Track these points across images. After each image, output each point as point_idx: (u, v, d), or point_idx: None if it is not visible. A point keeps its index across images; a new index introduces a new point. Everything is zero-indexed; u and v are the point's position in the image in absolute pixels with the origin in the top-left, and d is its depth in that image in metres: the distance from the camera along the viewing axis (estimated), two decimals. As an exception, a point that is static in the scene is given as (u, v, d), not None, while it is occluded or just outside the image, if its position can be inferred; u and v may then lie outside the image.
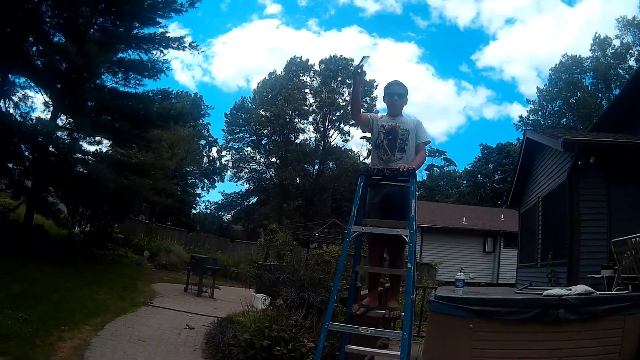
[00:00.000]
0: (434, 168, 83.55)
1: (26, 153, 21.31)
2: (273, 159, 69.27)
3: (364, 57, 6.07)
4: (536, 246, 17.73)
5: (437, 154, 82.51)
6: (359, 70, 6.14)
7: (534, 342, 6.52)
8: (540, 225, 17.64)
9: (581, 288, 6.99)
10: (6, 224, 20.38)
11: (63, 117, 21.76)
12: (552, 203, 16.16)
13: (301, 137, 68.64)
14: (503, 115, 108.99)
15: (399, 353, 5.35)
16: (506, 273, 36.14)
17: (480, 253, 40.44)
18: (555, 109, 63.77)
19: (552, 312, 6.44)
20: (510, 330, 6.54)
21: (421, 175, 77.51)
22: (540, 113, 64.83)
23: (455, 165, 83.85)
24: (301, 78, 68.61)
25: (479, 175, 72.18)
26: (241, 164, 69.76)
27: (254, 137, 68.75)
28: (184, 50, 23.90)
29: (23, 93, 21.92)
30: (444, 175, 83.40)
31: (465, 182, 76.71)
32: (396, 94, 6.47)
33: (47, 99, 21.71)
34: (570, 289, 6.96)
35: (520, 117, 68.76)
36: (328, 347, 7.96)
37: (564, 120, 61.93)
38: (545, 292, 6.98)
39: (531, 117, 65.45)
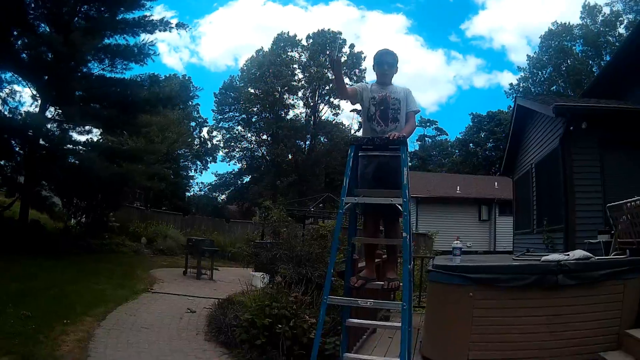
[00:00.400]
0: (426, 138, 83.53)
1: (17, 148, 21.27)
2: (264, 137, 69.26)
3: (338, 43, 6.04)
4: (531, 213, 17.74)
5: (428, 123, 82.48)
6: (335, 58, 6.11)
7: (534, 309, 6.58)
8: (534, 192, 17.66)
9: (579, 253, 7.04)
10: (1, 221, 20.33)
11: (52, 109, 21.73)
12: (546, 169, 16.15)
13: (291, 113, 68.82)
14: (493, 83, 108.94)
15: (399, 324, 5.33)
16: (503, 241, 36.28)
17: (476, 221, 40.56)
18: (546, 76, 63.89)
19: (551, 277, 6.50)
20: (510, 297, 6.59)
21: (413, 145, 77.59)
22: (530, 80, 64.97)
23: (447, 135, 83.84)
24: (289, 54, 68.38)
25: (471, 144, 72.04)
26: (232, 144, 69.76)
27: (244, 116, 68.69)
28: (170, 31, 23.80)
29: (10, 88, 21.92)
30: (436, 145, 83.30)
31: (457, 151, 76.62)
32: (386, 62, 6.40)
33: (34, 92, 21.74)
34: (569, 254, 7.02)
35: (511, 84, 69.33)
36: (330, 321, 8.00)
37: (554, 87, 62.07)
38: (544, 258, 7.04)
39: (522, 85, 65.63)
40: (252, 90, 66.34)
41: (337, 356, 7.25)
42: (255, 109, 67.10)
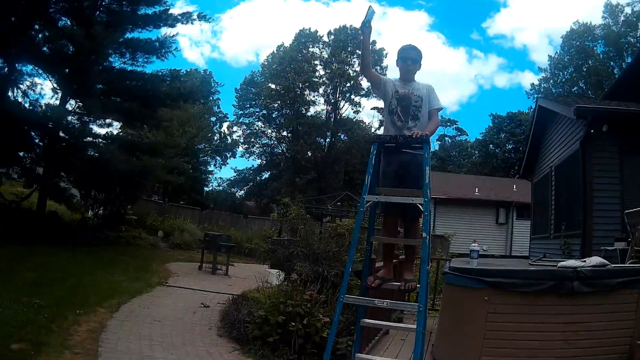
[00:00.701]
0: (446, 138, 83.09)
1: (37, 140, 21.40)
2: (284, 133, 69.09)
3: (369, 9, 5.96)
4: (549, 217, 17.58)
5: (448, 123, 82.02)
6: (367, 26, 6.03)
7: (549, 315, 6.50)
8: (553, 196, 17.49)
9: (596, 260, 6.95)
10: (20, 212, 20.46)
11: (72, 101, 21.84)
12: (565, 172, 15.98)
13: (312, 109, 68.38)
14: (514, 83, 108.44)
15: (414, 326, 5.30)
16: (519, 245, 36.00)
17: (493, 224, 40.31)
18: (567, 77, 63.14)
19: (566, 284, 6.41)
20: (525, 303, 6.51)
21: (433, 145, 77.17)
22: (552, 81, 64.28)
23: (467, 135, 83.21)
24: (310, 50, 68.15)
25: (491, 145, 71.29)
26: (252, 139, 69.65)
27: (264, 112, 68.61)
28: (192, 23, 23.85)
29: (31, 81, 22.05)
30: (456, 145, 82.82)
31: (477, 152, 75.96)
32: (410, 58, 6.32)
33: (55, 85, 21.80)
34: (585, 261, 6.92)
35: (532, 85, 68.36)
36: (343, 321, 7.97)
37: (575, 88, 61.36)
38: (560, 264, 6.95)
39: (543, 85, 64.89)
40: (272, 86, 66.04)
41: (348, 356, 7.22)
42: (275, 105, 67.01)
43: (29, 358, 6.86)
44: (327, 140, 67.77)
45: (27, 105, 20.96)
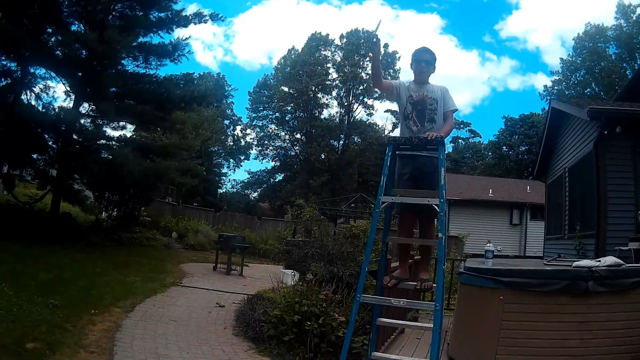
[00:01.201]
0: (459, 140, 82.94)
1: (50, 142, 21.47)
2: (298, 135, 69.46)
3: (379, 21, 5.96)
4: (563, 218, 17.51)
5: (462, 125, 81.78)
6: (374, 40, 6.02)
7: (564, 315, 6.47)
8: (567, 197, 17.42)
9: (610, 260, 6.92)
10: (33, 213, 20.58)
11: (86, 105, 21.87)
12: (579, 174, 15.91)
13: (325, 112, 68.70)
14: (527, 85, 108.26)
15: (431, 325, 5.28)
16: (533, 246, 35.88)
17: (507, 225, 40.17)
18: (579, 79, 62.78)
19: (581, 283, 6.39)
20: (540, 302, 6.49)
21: (447, 147, 76.93)
22: (564, 84, 63.96)
23: (480, 137, 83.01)
24: (322, 53, 68.30)
25: (504, 147, 71.08)
26: (266, 142, 70.02)
27: (277, 115, 68.97)
28: (205, 22, 23.82)
29: (44, 84, 22.12)
30: (470, 147, 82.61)
31: (490, 153, 75.69)
32: (424, 60, 6.29)
33: (68, 88, 21.91)
34: (600, 261, 6.89)
35: (545, 87, 68.01)
36: (358, 320, 7.95)
37: (587, 90, 61.01)
38: (575, 264, 6.93)
39: (556, 88, 64.54)
40: (285, 89, 66.34)
41: (364, 355, 7.21)
42: (289, 108, 67.31)
43: (44, 357, 6.86)
44: (341, 142, 67.94)
45: (40, 108, 21.07)
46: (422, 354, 7.62)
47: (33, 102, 21.29)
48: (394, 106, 6.49)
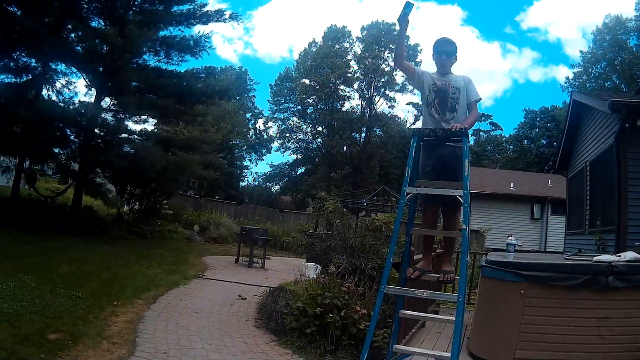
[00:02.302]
0: (481, 133, 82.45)
1: (72, 137, 21.55)
2: (319, 128, 69.39)
3: (407, 4, 5.90)
4: (584, 212, 17.35)
5: (483, 118, 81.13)
6: (404, 19, 5.98)
7: (584, 310, 6.44)
8: (588, 191, 17.27)
9: (630, 255, 6.88)
10: (55, 207, 20.81)
11: (107, 99, 21.98)
12: (600, 167, 15.74)
13: (347, 105, 68.62)
14: (549, 77, 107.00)
15: (452, 318, 5.31)
16: (553, 241, 35.51)
17: (528, 220, 39.87)
18: (600, 71, 62.27)
19: (601, 278, 6.35)
20: (560, 296, 6.45)
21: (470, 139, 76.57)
22: (585, 76, 63.49)
23: (502, 130, 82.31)
24: (342, 44, 68.26)
25: (525, 140, 70.73)
26: (287, 134, 70.11)
27: (299, 107, 69.14)
28: (224, 22, 23.83)
29: (66, 80, 22.32)
30: (491, 140, 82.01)
31: (511, 147, 75.28)
32: (444, 52, 6.26)
33: (88, 83, 22.01)
34: (620, 256, 6.85)
35: (567, 79, 67.37)
36: (380, 314, 7.91)
37: (608, 83, 60.36)
38: (595, 258, 6.89)
39: (577, 80, 64.07)
40: (307, 82, 66.42)
41: (384, 348, 7.20)
42: (310, 100, 67.24)
43: (66, 348, 6.89)
44: (363, 135, 67.89)
45: (61, 103, 21.16)
46: (442, 348, 7.59)
47: (54, 98, 21.51)
48: (416, 98, 6.47)
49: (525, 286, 6.56)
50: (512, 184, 41.15)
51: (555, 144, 52.13)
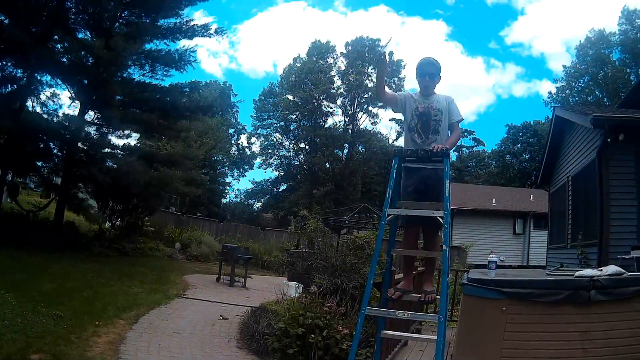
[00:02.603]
0: (463, 149, 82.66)
1: (55, 150, 21.50)
2: (302, 145, 69.18)
3: (389, 39, 5.98)
4: (566, 227, 17.49)
5: (465, 134, 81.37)
6: (382, 57, 6.04)
7: (567, 325, 6.49)
8: (570, 206, 17.42)
9: (612, 269, 6.93)
10: (37, 222, 20.67)
11: (91, 112, 21.92)
12: (582, 182, 15.92)
13: (330, 121, 68.49)
14: (532, 92, 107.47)
15: (434, 337, 5.31)
16: (536, 255, 35.68)
17: (510, 235, 40.09)
18: (583, 86, 62.77)
19: (583, 293, 6.40)
20: (542, 312, 6.50)
21: (451, 156, 76.72)
22: (568, 90, 63.93)
23: (484, 145, 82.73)
24: (326, 60, 68.29)
25: (507, 155, 71.14)
26: (270, 151, 69.94)
27: (282, 123, 68.74)
28: (210, 37, 23.99)
29: (51, 91, 22.15)
30: (473, 155, 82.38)
31: (494, 162, 75.66)
32: (427, 74, 6.26)
33: (73, 95, 21.95)
34: (602, 270, 6.91)
35: (550, 93, 67.90)
36: (362, 333, 7.92)
37: (591, 97, 60.88)
38: (577, 273, 6.94)
39: (560, 94, 64.51)
40: (290, 97, 66.35)
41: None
42: (293, 117, 67.11)
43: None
44: (345, 151, 67.83)
45: (45, 115, 21.05)
46: (425, 366, 7.61)
47: (38, 109, 21.36)
48: (399, 115, 6.53)
49: (507, 303, 6.61)
50: (494, 200, 41.40)
51: (537, 158, 52.44)
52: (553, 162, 20.14)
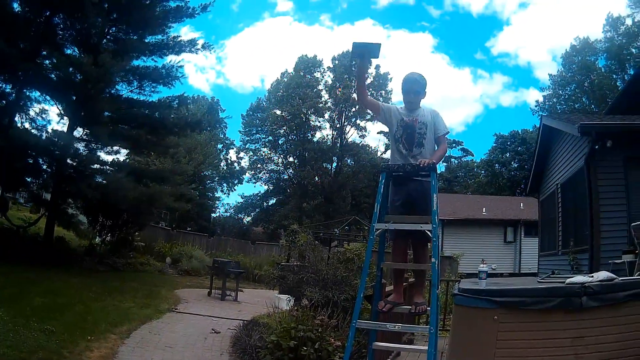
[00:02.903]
0: (452, 159, 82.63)
1: (44, 166, 21.55)
2: (291, 159, 69.16)
3: (379, 45, 5.97)
4: (557, 234, 17.59)
5: (454, 144, 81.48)
6: (361, 49, 6.05)
7: (559, 331, 6.53)
8: (560, 213, 17.52)
9: (603, 274, 6.97)
10: (27, 238, 20.64)
11: (80, 129, 21.95)
12: (571, 189, 16.03)
13: (318, 135, 68.35)
14: (520, 101, 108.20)
15: (426, 348, 5.41)
16: (528, 262, 35.82)
17: (502, 243, 40.25)
18: (569, 94, 63.01)
19: (575, 300, 6.44)
20: (534, 320, 6.54)
21: (440, 167, 76.80)
22: (555, 99, 64.15)
23: (473, 155, 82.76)
24: (313, 75, 68.34)
25: (497, 165, 71.24)
26: (259, 165, 69.82)
27: (270, 138, 68.58)
28: (197, 52, 24.26)
29: (40, 107, 22.28)
30: (462, 166, 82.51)
31: (483, 171, 75.51)
32: (412, 92, 6.33)
33: (62, 112, 21.98)
34: (593, 276, 6.95)
35: (537, 102, 68.06)
36: (355, 345, 7.94)
37: (578, 104, 61.08)
38: (568, 280, 6.98)
39: (547, 102, 64.74)
40: (278, 112, 66.24)
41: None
42: (281, 131, 67.04)
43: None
44: (334, 165, 67.87)
45: (34, 131, 21.20)
46: (418, 378, 7.63)
47: (27, 125, 21.48)
48: (386, 128, 6.54)
49: (499, 312, 6.65)
50: (484, 209, 41.61)
51: (526, 167, 52.53)
52: (542, 170, 20.28)
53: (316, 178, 65.34)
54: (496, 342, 6.60)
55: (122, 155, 27.50)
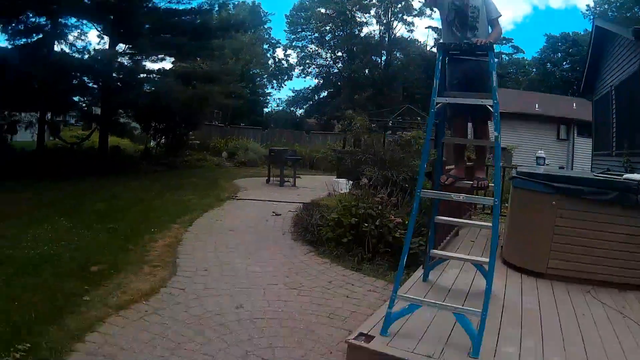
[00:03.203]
0: (503, 55, 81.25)
1: (90, 84, 21.76)
2: (339, 53, 68.51)
3: None
4: (611, 135, 17.26)
5: (504, 41, 79.66)
6: None
7: (613, 225, 6.52)
8: (614, 114, 17.16)
9: (659, 175, 6.89)
10: (82, 152, 21.22)
11: (121, 44, 22.21)
12: (626, 92, 15.63)
13: (365, 30, 67.45)
14: (570, 4, 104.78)
15: (487, 223, 5.54)
16: (580, 161, 35.30)
17: (554, 140, 39.58)
18: (622, 1, 60.92)
19: (630, 196, 6.40)
20: (591, 210, 6.52)
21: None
22: (606, 6, 62.12)
23: (524, 53, 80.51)
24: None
25: (548, 64, 69.97)
26: (307, 61, 69.40)
27: (317, 35, 67.99)
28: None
29: (78, 32, 22.60)
30: (513, 62, 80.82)
31: (534, 70, 74.23)
32: None
33: (101, 32, 22.46)
34: (649, 175, 6.86)
35: (588, 6, 66.05)
36: (416, 244, 7.93)
37: (629, 14, 59.14)
38: (625, 176, 6.92)
39: (598, 8, 62.80)
40: (322, 10, 65.50)
41: (419, 255, 7.30)
42: (327, 28, 66.35)
43: (109, 277, 6.95)
44: (383, 58, 67.04)
45: (76, 54, 21.41)
46: (476, 255, 7.61)
47: (67, 50, 21.55)
48: (435, 23, 6.37)
49: (557, 198, 6.63)
50: (536, 105, 40.79)
51: (578, 68, 51.24)
52: (595, 72, 19.81)
53: (366, 71, 64.83)
54: (554, 227, 6.61)
55: (168, 62, 27.70)
